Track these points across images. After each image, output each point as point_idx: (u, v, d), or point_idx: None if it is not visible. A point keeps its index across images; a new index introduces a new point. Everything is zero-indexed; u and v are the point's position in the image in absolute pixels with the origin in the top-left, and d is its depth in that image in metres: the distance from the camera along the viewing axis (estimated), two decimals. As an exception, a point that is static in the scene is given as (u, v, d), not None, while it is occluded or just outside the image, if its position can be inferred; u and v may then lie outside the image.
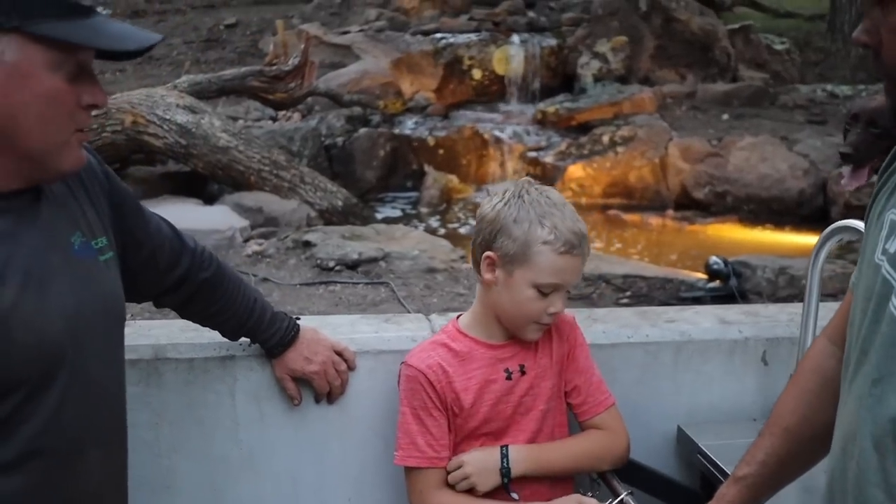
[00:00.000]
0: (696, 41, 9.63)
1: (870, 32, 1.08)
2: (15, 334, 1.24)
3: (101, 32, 1.27)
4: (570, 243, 1.73)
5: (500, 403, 1.82)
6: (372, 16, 10.62)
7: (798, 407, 1.42)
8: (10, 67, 1.22)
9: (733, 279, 4.50)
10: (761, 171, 7.55)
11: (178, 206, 5.80)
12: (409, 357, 1.86)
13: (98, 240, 1.42)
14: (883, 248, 1.13)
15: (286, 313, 1.92)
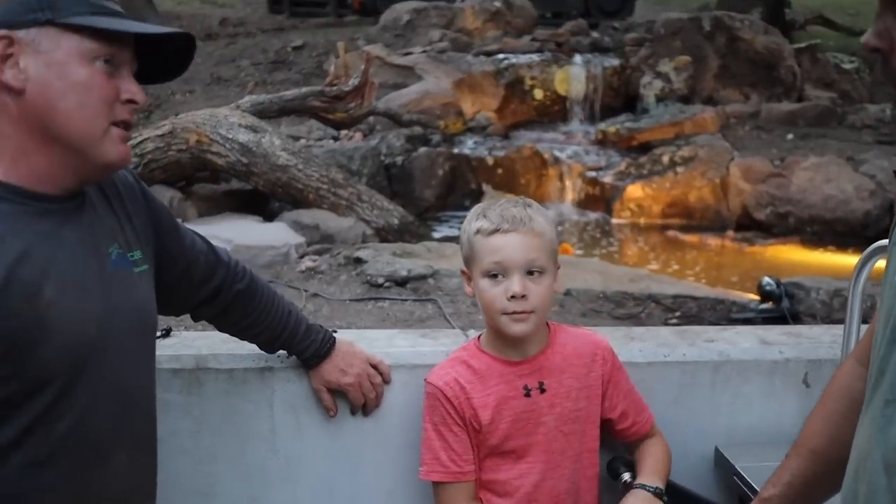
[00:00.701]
0: (761, 60, 9.51)
1: (881, 36, 1.07)
2: (52, 328, 1.29)
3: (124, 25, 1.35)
4: (498, 223, 1.76)
5: (519, 420, 1.82)
6: (435, 37, 10.74)
7: (825, 428, 1.41)
8: (46, 57, 1.29)
9: (785, 300, 4.43)
10: (826, 192, 7.41)
11: (238, 223, 5.94)
12: (430, 374, 1.88)
13: (133, 252, 1.47)
14: None
15: (322, 326, 1.95)
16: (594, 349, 1.89)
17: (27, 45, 1.28)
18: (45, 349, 1.29)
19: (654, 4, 20.50)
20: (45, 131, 1.31)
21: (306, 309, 4.40)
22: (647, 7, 17.08)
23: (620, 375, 1.91)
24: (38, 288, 1.28)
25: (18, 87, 1.29)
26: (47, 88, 1.30)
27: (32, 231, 1.30)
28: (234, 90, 9.84)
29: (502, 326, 1.78)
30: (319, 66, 10.55)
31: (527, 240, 1.76)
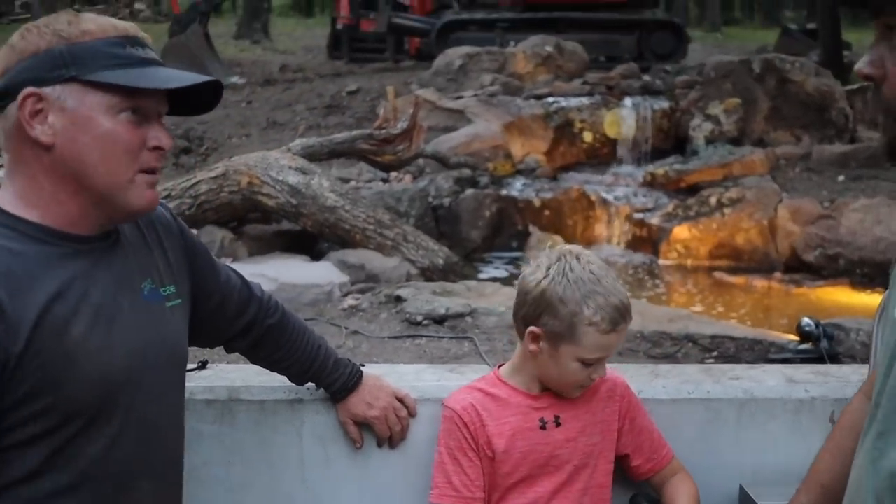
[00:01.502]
0: (812, 102, 9.46)
1: (875, 65, 1.10)
2: (81, 365, 1.35)
3: (146, 77, 1.39)
4: (615, 321, 1.77)
5: (532, 452, 1.85)
6: (487, 81, 10.90)
7: (834, 464, 1.44)
8: (72, 113, 1.36)
9: (825, 342, 4.39)
10: (876, 234, 7.31)
11: (286, 262, 6.10)
12: (448, 399, 1.93)
13: (167, 287, 1.53)
14: None
15: (350, 360, 2.01)
16: (611, 386, 1.92)
17: (54, 101, 1.35)
18: (73, 385, 1.35)
19: (713, 46, 20.52)
20: (75, 181, 1.38)
21: (346, 346, 4.51)
22: (705, 49, 17.12)
23: (637, 412, 1.94)
24: (67, 326, 1.34)
25: (48, 143, 1.36)
26: (74, 143, 1.36)
27: (66, 270, 1.37)
28: (289, 133, 10.11)
29: (567, 392, 1.86)
30: (372, 109, 10.77)
31: (621, 339, 1.84)
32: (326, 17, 29.86)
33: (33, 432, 1.34)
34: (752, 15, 40.32)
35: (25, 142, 1.37)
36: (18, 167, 1.39)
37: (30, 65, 1.35)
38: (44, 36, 1.36)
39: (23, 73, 1.36)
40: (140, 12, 26.11)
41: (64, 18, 1.39)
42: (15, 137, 1.38)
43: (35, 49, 1.36)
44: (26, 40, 1.37)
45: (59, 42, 1.35)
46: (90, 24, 1.38)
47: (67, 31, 1.36)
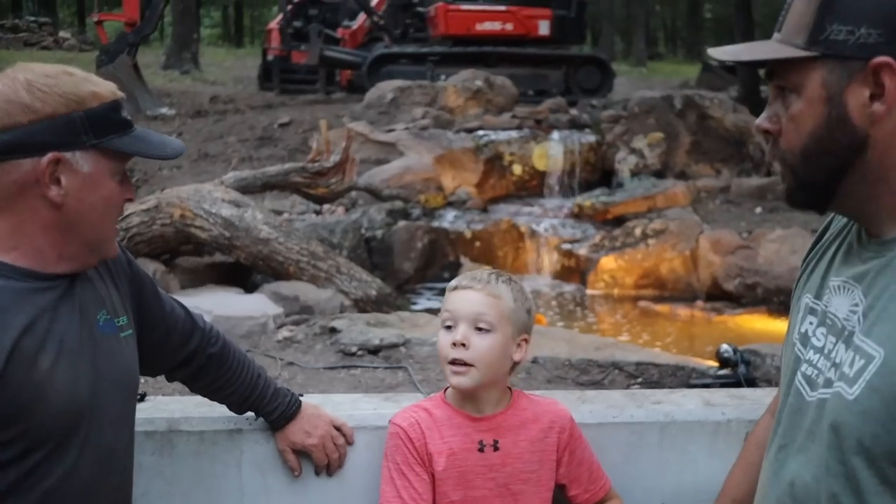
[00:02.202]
0: (730, 137, 9.86)
1: (772, 121, 1.22)
2: (49, 396, 1.41)
3: (149, 143, 1.51)
4: (460, 281, 1.93)
5: (469, 473, 1.91)
6: (418, 114, 11.07)
7: (744, 480, 1.54)
8: (85, 177, 1.44)
9: (742, 367, 4.59)
10: (791, 263, 7.63)
11: (220, 295, 6.11)
12: (394, 417, 1.98)
13: (120, 318, 1.60)
14: (798, 329, 1.30)
15: (289, 389, 2.07)
16: (553, 417, 1.97)
17: (71, 164, 1.43)
18: (43, 415, 1.42)
19: (638, 81, 21.08)
20: (66, 234, 1.47)
21: (281, 377, 4.55)
22: (630, 83, 17.61)
23: (577, 445, 1.99)
24: (35, 358, 1.41)
25: (58, 203, 1.43)
26: (81, 203, 1.45)
27: (34, 305, 1.43)
28: (221, 166, 10.10)
29: (447, 376, 1.90)
30: (305, 142, 10.83)
31: (479, 297, 1.87)
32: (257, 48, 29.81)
33: (2, 459, 1.41)
34: (675, 50, 41.53)
35: (28, 196, 1.43)
36: (4, 213, 1.45)
37: (47, 128, 1.41)
38: (57, 98, 1.42)
39: (41, 135, 1.41)
40: (65, 41, 25.66)
41: (66, 79, 1.44)
42: (16, 190, 1.43)
43: (52, 112, 1.41)
44: (40, 101, 1.41)
45: (75, 107, 1.42)
46: (91, 85, 1.45)
47: (77, 94, 1.43)
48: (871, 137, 1.13)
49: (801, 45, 1.16)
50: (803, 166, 1.20)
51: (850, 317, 1.17)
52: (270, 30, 19.39)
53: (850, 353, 1.14)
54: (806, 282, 1.33)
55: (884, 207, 1.17)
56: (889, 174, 1.15)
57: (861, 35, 1.11)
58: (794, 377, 1.25)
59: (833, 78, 1.14)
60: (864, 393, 1.09)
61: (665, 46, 43.33)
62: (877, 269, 1.15)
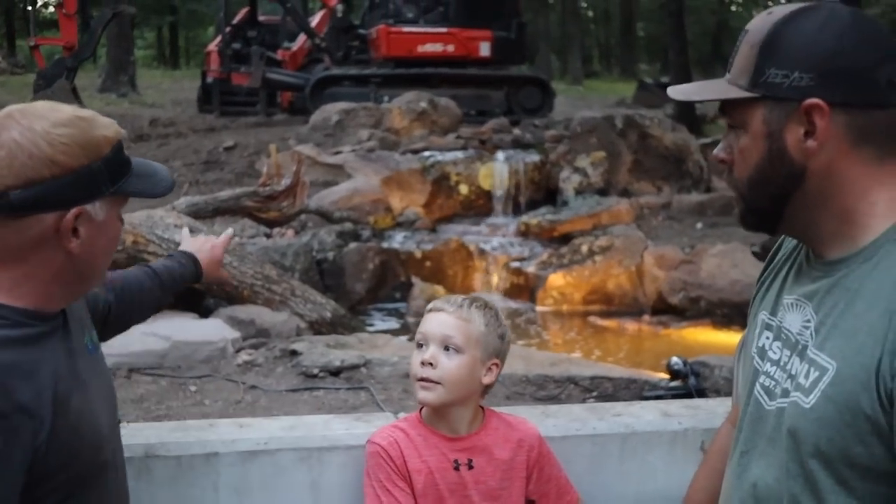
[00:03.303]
0: (671, 155, 10.14)
1: (726, 151, 1.32)
2: (83, 433, 1.42)
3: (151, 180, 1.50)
4: (434, 304, 2.03)
5: (446, 492, 1.98)
6: (364, 136, 11.16)
7: (706, 485, 1.63)
8: (100, 225, 1.42)
9: (692, 378, 4.76)
10: (732, 277, 7.89)
11: (175, 320, 6.09)
12: (372, 436, 2.04)
13: (93, 335, 1.61)
14: (756, 344, 1.39)
15: (177, 254, 2.16)
16: (522, 436, 2.04)
17: (91, 215, 1.41)
18: (82, 457, 1.43)
19: (575, 99, 21.46)
20: (75, 275, 1.45)
21: (244, 400, 4.59)
22: (568, 102, 17.93)
23: (545, 461, 2.06)
24: (69, 401, 1.40)
25: (76, 253, 1.41)
26: (93, 248, 1.43)
27: (51, 351, 1.42)
28: (169, 190, 10.02)
29: (416, 392, 1.98)
30: (251, 165, 10.83)
31: (450, 320, 1.95)
32: (193, 69, 29.56)
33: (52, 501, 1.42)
34: (609, 68, 42.28)
35: (43, 248, 1.41)
36: (14, 264, 1.41)
37: (72, 181, 1.38)
38: (77, 150, 1.39)
39: (66, 190, 1.38)
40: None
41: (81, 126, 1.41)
42: (32, 243, 1.40)
43: (76, 165, 1.38)
44: (63, 154, 1.38)
45: (94, 157, 1.40)
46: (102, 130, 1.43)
47: (95, 142, 1.41)
48: (809, 169, 1.23)
49: (744, 87, 1.26)
50: (750, 194, 1.31)
51: (802, 332, 1.27)
52: (209, 52, 19.29)
53: (805, 365, 1.24)
54: (762, 299, 1.43)
55: (825, 231, 1.26)
56: (827, 201, 1.25)
57: (794, 79, 1.22)
58: (753, 388, 1.35)
59: (772, 116, 1.24)
60: (819, 402, 1.19)
61: (600, 64, 44.08)
62: (825, 289, 1.25)
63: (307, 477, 2.17)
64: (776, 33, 1.24)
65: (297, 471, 2.15)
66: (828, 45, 1.21)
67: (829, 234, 1.26)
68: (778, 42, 1.24)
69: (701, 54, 34.95)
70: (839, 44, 1.21)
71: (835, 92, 1.20)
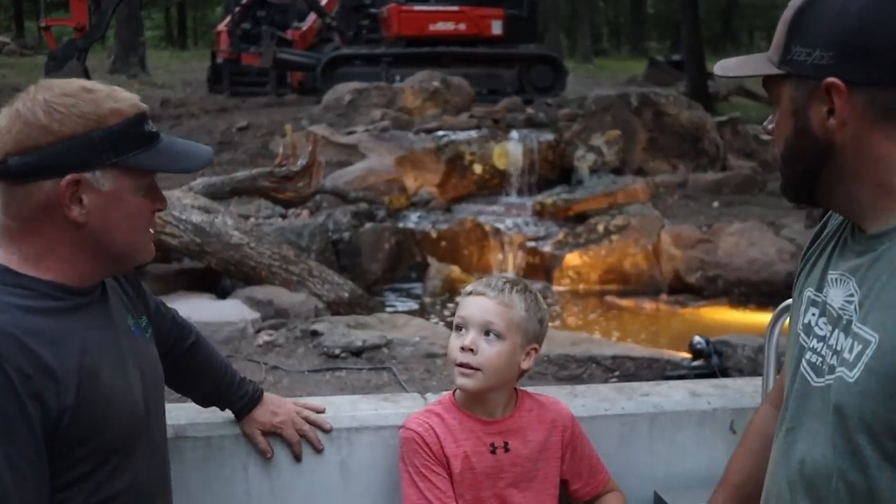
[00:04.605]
0: (686, 133, 10.07)
1: (770, 125, 1.34)
2: (116, 407, 1.46)
3: (173, 156, 1.49)
4: (474, 287, 1.99)
5: (482, 475, 1.97)
6: (377, 116, 11.12)
7: (745, 465, 1.63)
8: (107, 196, 1.43)
9: (715, 358, 4.75)
10: (750, 256, 7.86)
11: (193, 301, 6.11)
12: (406, 421, 2.03)
13: (141, 319, 1.64)
14: (801, 321, 1.38)
15: (251, 380, 2.12)
16: (555, 416, 2.03)
17: (92, 184, 1.42)
18: (112, 429, 1.46)
19: (586, 77, 21.35)
20: (96, 250, 1.47)
21: (266, 381, 4.59)
22: (578, 80, 17.84)
23: (578, 442, 2.06)
24: (98, 373, 1.44)
25: (81, 223, 1.43)
26: (105, 220, 1.44)
27: (83, 322, 1.46)
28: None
29: (455, 377, 1.96)
30: (265, 145, 10.80)
31: (491, 305, 1.92)
32: (201, 50, 29.46)
33: (81, 472, 1.45)
34: (619, 46, 42.02)
35: (53, 217, 1.43)
36: (32, 236, 1.45)
37: (66, 149, 1.40)
38: (75, 119, 1.41)
39: (61, 157, 1.41)
40: (4, 45, 25.11)
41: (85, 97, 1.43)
42: (40, 212, 1.43)
43: (71, 133, 1.40)
44: (58, 122, 1.40)
45: (94, 127, 1.41)
46: (112, 102, 1.44)
47: (97, 112, 1.42)
48: (836, 145, 1.24)
49: (775, 64, 1.28)
50: (783, 168, 1.34)
51: (845, 307, 1.26)
52: (219, 32, 19.23)
53: (849, 340, 1.23)
54: (807, 276, 1.42)
55: (864, 205, 1.26)
56: (861, 176, 1.24)
57: (816, 57, 1.22)
58: (799, 365, 1.35)
59: (798, 94, 1.26)
60: (862, 375, 1.19)
61: (609, 42, 43.81)
62: (869, 263, 1.25)
63: (336, 457, 2.17)
64: (803, 11, 1.25)
65: (326, 451, 2.15)
66: (849, 24, 1.20)
67: (868, 207, 1.26)
68: (804, 19, 1.24)
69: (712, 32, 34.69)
70: (861, 22, 1.20)
71: (854, 71, 1.20)
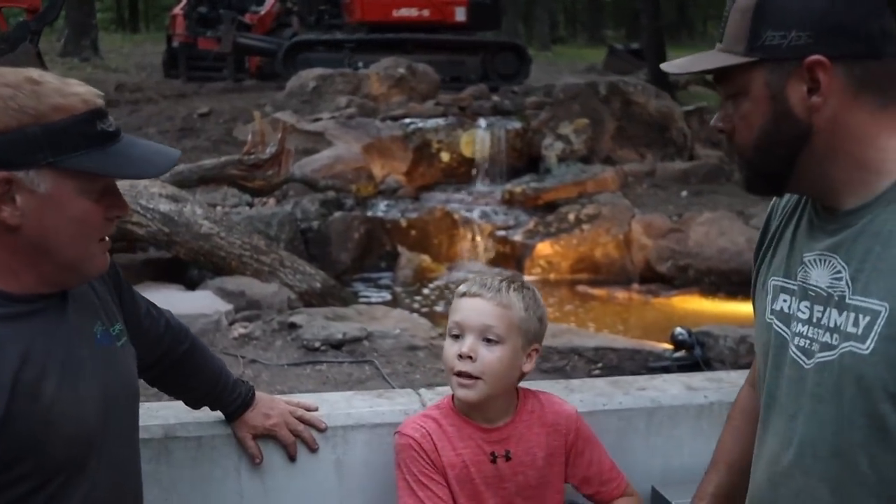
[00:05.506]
0: (654, 122, 10.10)
1: (724, 121, 1.34)
2: (58, 425, 1.34)
3: (127, 160, 1.35)
4: (469, 288, 1.88)
5: (482, 485, 1.89)
6: (342, 103, 10.97)
7: (734, 444, 1.65)
8: (44, 197, 1.30)
9: (698, 349, 4.75)
10: (720, 245, 7.91)
11: (162, 292, 5.95)
12: (402, 427, 1.94)
13: (115, 326, 1.52)
14: (770, 308, 1.39)
15: (244, 380, 2.05)
16: (557, 419, 1.94)
17: (26, 185, 1.29)
18: (53, 446, 1.34)
19: (546, 65, 21.34)
20: (36, 256, 1.35)
21: (245, 375, 4.48)
22: (539, 68, 17.81)
23: (585, 445, 1.97)
24: (39, 388, 1.32)
25: (14, 225, 1.31)
26: (43, 224, 1.32)
27: (27, 331, 1.34)
28: (144, 158, 9.76)
29: (452, 387, 1.86)
30: (229, 132, 10.61)
31: (488, 307, 1.82)
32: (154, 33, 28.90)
33: (19, 493, 1.33)
34: (575, 34, 42.14)
35: None
36: None
37: (3, 143, 1.28)
38: (10, 112, 1.28)
39: None
40: (-48, 28, 24.38)
41: (28, 89, 1.30)
42: None
43: (3, 127, 1.28)
44: None
45: (31, 122, 1.28)
46: (58, 97, 1.31)
47: (36, 107, 1.29)
48: (815, 126, 1.26)
49: (741, 53, 1.28)
50: (757, 158, 1.32)
51: (834, 284, 1.27)
52: (174, 15, 18.81)
53: (849, 314, 1.24)
54: (769, 266, 1.43)
55: (838, 182, 1.28)
56: (837, 154, 1.27)
57: (792, 38, 1.24)
58: (784, 352, 1.35)
59: (774, 78, 1.27)
60: (878, 345, 1.19)
61: (565, 30, 43.91)
62: (852, 238, 1.26)
63: (331, 456, 2.12)
64: None
65: (321, 449, 2.10)
66: (821, 2, 1.24)
67: (841, 184, 1.28)
68: (769, 5, 1.26)
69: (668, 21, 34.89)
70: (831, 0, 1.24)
71: (833, 46, 1.23)
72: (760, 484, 1.40)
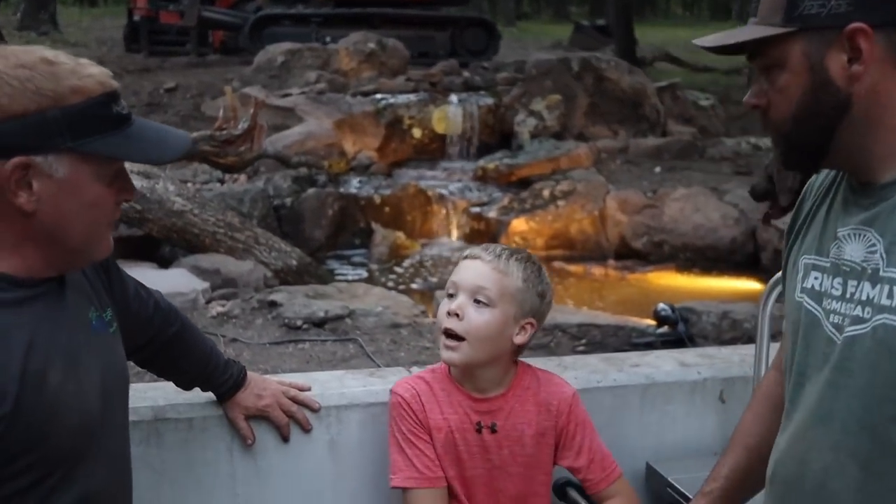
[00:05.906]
0: (627, 99, 10.09)
1: (758, 97, 1.32)
2: (62, 415, 1.32)
3: (142, 143, 1.34)
4: (471, 251, 1.90)
5: (465, 454, 1.87)
6: (312, 78, 10.83)
7: (754, 428, 1.62)
8: (61, 182, 1.28)
9: (681, 325, 4.75)
10: (695, 221, 7.93)
11: (136, 271, 5.73)
12: (395, 385, 1.95)
13: (106, 312, 1.50)
14: (801, 287, 1.37)
15: (235, 360, 2.03)
16: (552, 399, 1.92)
17: (44, 169, 1.27)
18: (59, 437, 1.32)
19: (512, 41, 21.27)
20: (47, 240, 1.33)
21: (226, 354, 4.39)
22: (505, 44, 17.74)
23: (577, 430, 1.93)
24: (45, 377, 1.30)
25: (29, 210, 1.28)
26: (58, 210, 1.30)
27: (32, 317, 1.32)
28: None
29: (440, 347, 1.85)
30: (197, 107, 10.43)
31: (485, 269, 1.82)
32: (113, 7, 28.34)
33: (20, 486, 1.31)
34: (539, 10, 42.05)
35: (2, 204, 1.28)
36: None
37: (17, 128, 1.24)
38: (28, 95, 1.25)
39: (9, 137, 1.24)
40: None
41: (44, 69, 1.26)
42: None
43: (22, 110, 1.24)
44: (8, 97, 1.24)
45: (50, 105, 1.25)
46: (74, 79, 1.28)
47: (55, 89, 1.25)
48: (854, 95, 1.24)
49: (779, 23, 1.26)
50: (796, 131, 1.30)
51: (868, 258, 1.25)
52: (136, -11, 18.47)
53: (883, 286, 1.22)
54: (801, 246, 1.42)
55: (876, 155, 1.26)
56: (876, 125, 1.25)
57: (832, 6, 1.22)
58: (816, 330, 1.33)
59: (813, 48, 1.24)
60: None
61: (529, 6, 43.79)
62: (888, 210, 1.24)
63: (325, 436, 2.10)
64: None
65: (315, 430, 2.08)
66: None
67: (880, 156, 1.26)
68: None
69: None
70: None
71: (874, 13, 1.21)
72: (785, 460, 1.37)
